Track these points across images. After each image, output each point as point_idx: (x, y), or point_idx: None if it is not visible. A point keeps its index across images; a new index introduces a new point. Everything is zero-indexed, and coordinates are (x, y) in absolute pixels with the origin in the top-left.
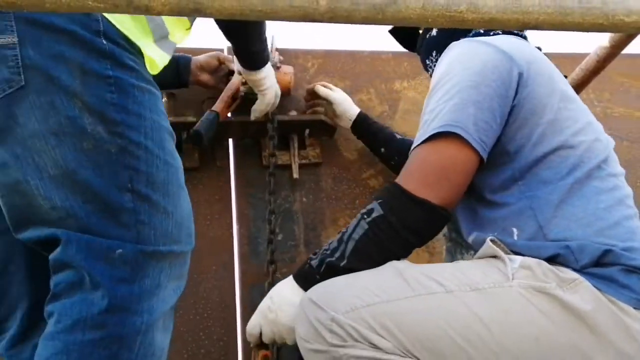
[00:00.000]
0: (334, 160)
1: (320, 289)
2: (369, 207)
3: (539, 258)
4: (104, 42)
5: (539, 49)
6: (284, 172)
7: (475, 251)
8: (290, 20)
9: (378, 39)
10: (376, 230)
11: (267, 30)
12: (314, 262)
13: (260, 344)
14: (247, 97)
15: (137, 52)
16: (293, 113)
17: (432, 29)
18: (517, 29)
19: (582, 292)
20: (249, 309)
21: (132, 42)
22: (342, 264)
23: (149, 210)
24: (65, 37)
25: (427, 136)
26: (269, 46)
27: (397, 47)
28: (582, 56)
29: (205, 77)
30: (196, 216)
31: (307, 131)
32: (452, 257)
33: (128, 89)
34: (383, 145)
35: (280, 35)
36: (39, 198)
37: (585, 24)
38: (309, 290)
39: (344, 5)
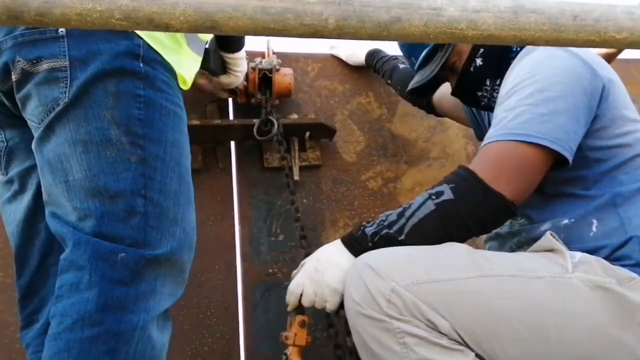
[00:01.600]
0: (333, 162)
1: (379, 256)
2: (437, 188)
3: (608, 243)
4: (141, 65)
5: None
6: (284, 174)
7: (526, 244)
8: (300, 37)
9: (377, 43)
10: (442, 214)
11: None
12: (369, 230)
13: (297, 309)
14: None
15: (171, 71)
16: (294, 116)
17: (473, 62)
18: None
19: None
20: (251, 308)
21: (167, 61)
22: (399, 238)
23: (159, 216)
24: (109, 61)
25: (511, 138)
26: (265, 50)
27: (396, 51)
28: None
29: (202, 81)
30: (199, 217)
31: (307, 134)
32: (499, 249)
33: (156, 107)
34: (389, 78)
35: (279, 39)
36: (64, 199)
37: (578, 40)
38: (365, 256)
39: (351, 23)
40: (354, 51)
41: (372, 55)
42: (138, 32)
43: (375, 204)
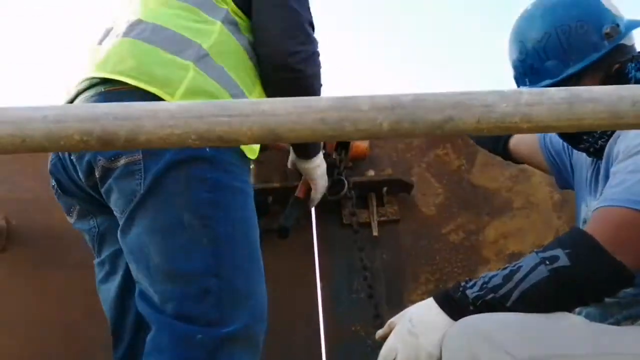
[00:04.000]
0: (412, 216)
1: (490, 323)
2: (551, 252)
3: None
4: (207, 150)
5: None
6: (363, 230)
7: (637, 317)
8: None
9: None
10: (556, 281)
11: None
12: (471, 293)
13: None
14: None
15: (236, 149)
16: (370, 173)
17: None
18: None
19: None
20: None
21: None
22: (506, 304)
23: (232, 293)
24: (178, 151)
25: (635, 207)
26: None
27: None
28: None
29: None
30: (282, 275)
31: (384, 189)
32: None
33: (223, 188)
34: None
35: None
36: (147, 284)
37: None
38: (472, 320)
39: (404, 125)
40: None
41: None
42: None
43: (457, 258)
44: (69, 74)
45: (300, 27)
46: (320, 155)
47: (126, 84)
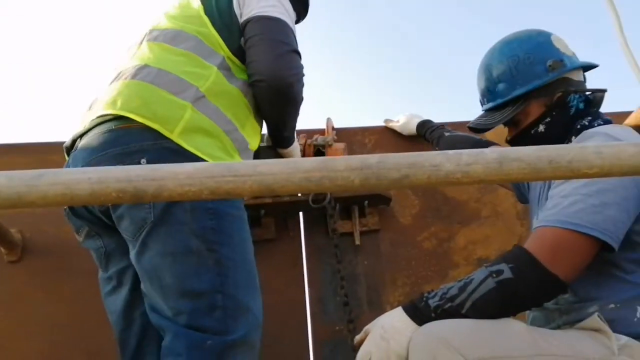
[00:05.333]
0: (391, 226)
1: (447, 329)
2: (497, 266)
3: None
4: None
5: None
6: (347, 239)
7: (573, 322)
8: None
9: (435, 115)
10: (501, 292)
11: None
12: (432, 302)
13: None
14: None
15: None
16: None
17: (537, 126)
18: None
19: None
20: None
21: None
22: (461, 312)
23: (235, 307)
24: None
25: (565, 226)
26: (327, 127)
27: (451, 119)
28: (626, 114)
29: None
30: (274, 281)
31: (366, 202)
32: (544, 323)
33: (223, 215)
34: (436, 145)
35: (336, 117)
36: (160, 300)
37: (555, 176)
38: (433, 327)
39: (371, 181)
40: (407, 122)
41: (423, 125)
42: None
43: (431, 263)
44: (79, 111)
45: (286, 54)
46: (296, 143)
47: (133, 121)
